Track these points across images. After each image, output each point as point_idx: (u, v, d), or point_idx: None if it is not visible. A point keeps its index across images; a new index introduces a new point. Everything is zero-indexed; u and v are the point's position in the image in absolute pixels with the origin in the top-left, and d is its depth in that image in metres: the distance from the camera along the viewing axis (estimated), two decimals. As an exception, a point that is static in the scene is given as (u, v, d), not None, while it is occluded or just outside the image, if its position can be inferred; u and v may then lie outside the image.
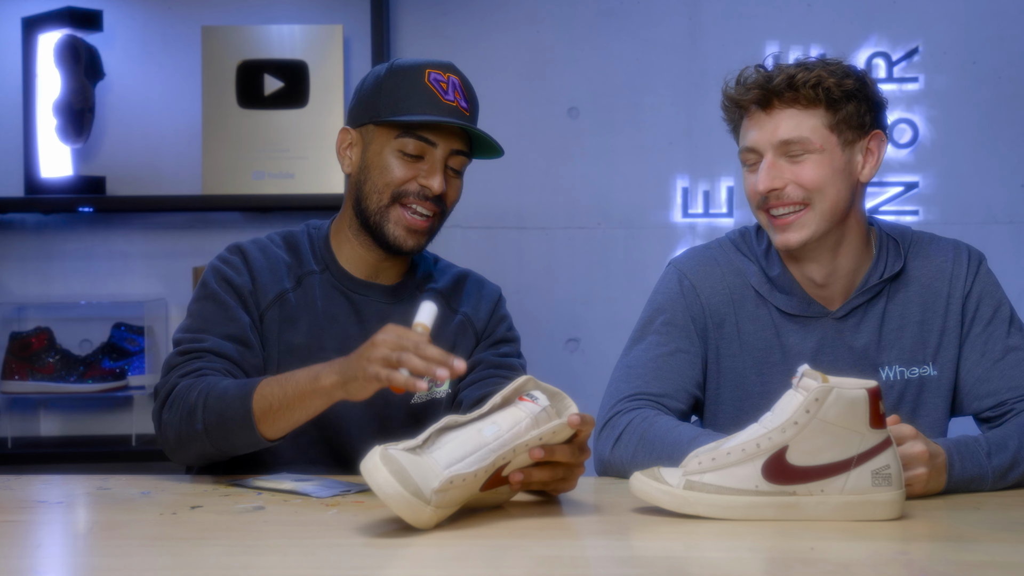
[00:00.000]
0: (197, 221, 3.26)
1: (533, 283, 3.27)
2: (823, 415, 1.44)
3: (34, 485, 1.81)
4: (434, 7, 3.29)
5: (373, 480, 1.39)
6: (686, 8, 3.27)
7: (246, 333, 1.88)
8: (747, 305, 1.94)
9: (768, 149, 1.85)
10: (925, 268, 1.94)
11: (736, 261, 1.97)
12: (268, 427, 1.73)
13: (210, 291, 1.91)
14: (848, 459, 1.45)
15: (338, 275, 1.98)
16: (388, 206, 1.92)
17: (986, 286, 1.93)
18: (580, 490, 1.76)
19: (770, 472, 1.46)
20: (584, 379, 3.26)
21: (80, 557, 1.41)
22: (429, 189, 1.91)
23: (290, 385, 1.71)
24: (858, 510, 1.46)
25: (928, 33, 3.23)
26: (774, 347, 1.92)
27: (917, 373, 1.91)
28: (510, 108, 3.29)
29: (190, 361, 1.84)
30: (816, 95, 1.82)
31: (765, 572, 1.23)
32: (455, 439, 1.45)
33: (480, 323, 2.03)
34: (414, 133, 1.90)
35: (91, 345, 3.21)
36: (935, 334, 1.91)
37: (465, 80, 1.95)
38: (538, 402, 1.51)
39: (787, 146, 1.84)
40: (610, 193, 3.28)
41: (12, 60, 3.20)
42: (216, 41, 3.18)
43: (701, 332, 1.93)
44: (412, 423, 1.93)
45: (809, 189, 1.84)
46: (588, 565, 1.30)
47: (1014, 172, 3.23)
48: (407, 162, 1.91)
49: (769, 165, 1.85)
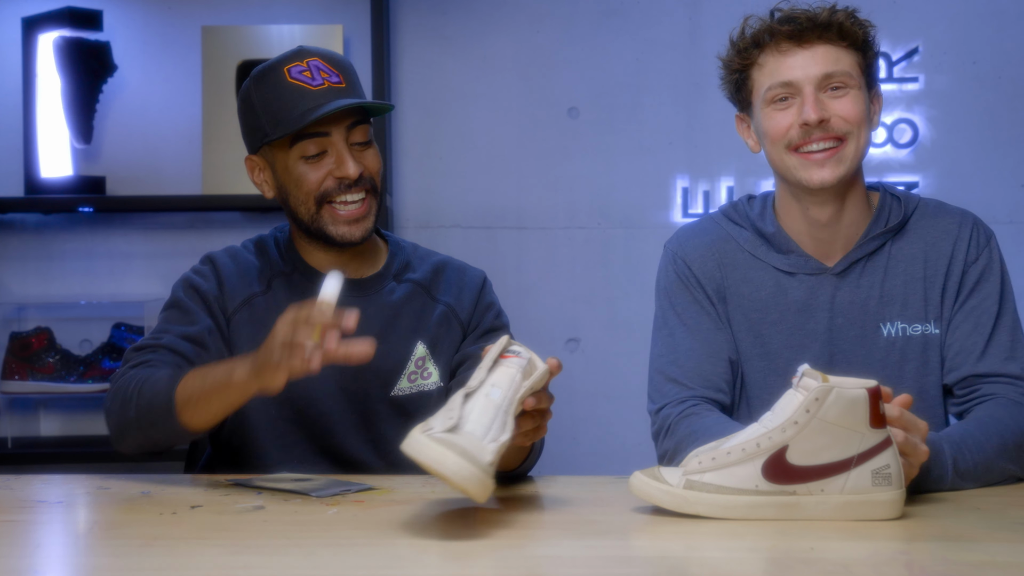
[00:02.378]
0: (197, 221, 3.26)
1: (533, 283, 3.27)
2: (823, 415, 1.44)
3: (34, 485, 1.81)
4: (434, 7, 3.29)
5: (443, 464, 1.37)
6: (686, 8, 3.27)
7: (204, 336, 1.89)
8: (739, 269, 1.93)
9: (808, 82, 1.82)
10: (931, 227, 1.91)
11: (727, 229, 1.96)
12: (189, 417, 1.73)
13: (174, 299, 1.93)
14: (848, 459, 1.45)
15: (307, 274, 1.97)
16: (318, 212, 1.91)
17: (990, 262, 1.91)
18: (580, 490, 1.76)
19: (770, 472, 1.45)
20: (584, 379, 3.26)
21: (80, 557, 1.41)
22: (346, 178, 1.89)
23: (210, 377, 1.71)
24: (858, 510, 1.46)
25: (928, 33, 3.23)
26: (770, 307, 1.90)
27: (920, 330, 1.88)
28: (510, 108, 3.29)
29: (143, 354, 1.85)
30: (855, 33, 1.83)
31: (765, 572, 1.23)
32: (473, 410, 1.45)
33: (465, 313, 2.01)
34: (304, 135, 1.88)
35: (91, 345, 3.21)
36: (937, 292, 1.89)
37: (325, 54, 1.92)
38: (521, 356, 1.52)
39: (829, 79, 1.82)
40: (610, 193, 3.28)
41: (12, 60, 3.21)
42: (216, 41, 3.18)
43: (709, 299, 1.93)
44: (395, 415, 1.94)
45: (851, 122, 1.82)
46: (588, 565, 1.30)
47: (1014, 172, 3.23)
48: (314, 164, 1.90)
49: (813, 97, 1.82)
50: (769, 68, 1.85)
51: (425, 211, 3.30)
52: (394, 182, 3.27)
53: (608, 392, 3.27)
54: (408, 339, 1.97)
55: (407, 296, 1.99)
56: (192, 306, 1.91)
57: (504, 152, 3.30)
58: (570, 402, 3.21)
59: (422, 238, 3.23)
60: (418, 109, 3.30)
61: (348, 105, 1.87)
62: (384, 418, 1.95)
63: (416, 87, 3.29)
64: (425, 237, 3.24)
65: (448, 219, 3.29)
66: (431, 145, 3.30)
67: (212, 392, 1.70)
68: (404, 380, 1.96)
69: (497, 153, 3.30)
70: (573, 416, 3.24)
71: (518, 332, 2.15)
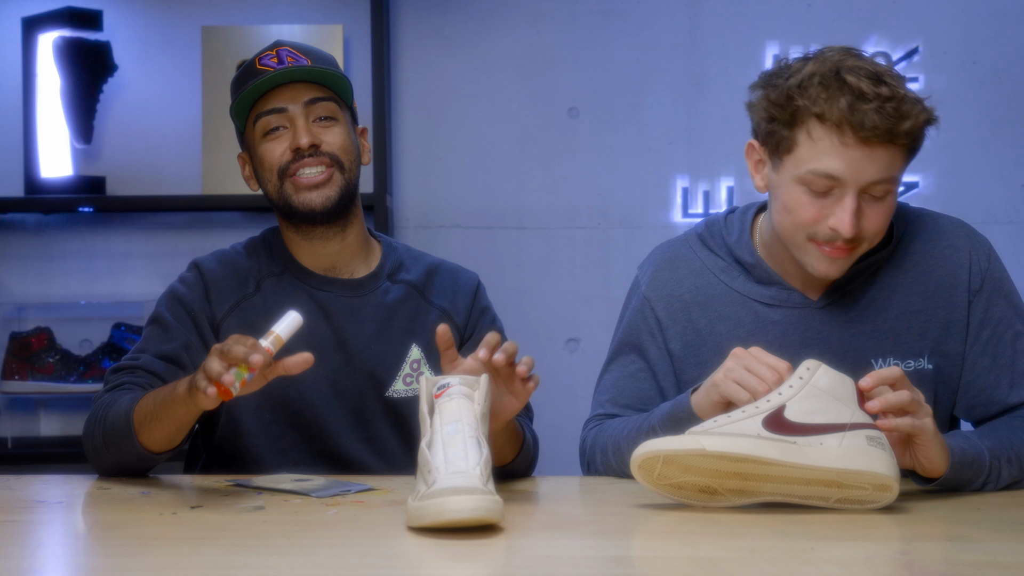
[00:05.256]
0: (197, 221, 3.26)
1: (533, 283, 3.27)
2: (815, 382, 1.52)
3: (34, 485, 1.81)
4: (434, 7, 3.29)
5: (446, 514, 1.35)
6: (686, 8, 3.27)
7: (180, 353, 1.88)
8: (715, 306, 1.83)
9: (855, 185, 1.65)
10: (926, 253, 1.80)
11: (701, 257, 1.87)
12: (147, 438, 1.73)
13: (156, 314, 1.94)
14: (843, 423, 1.51)
15: (298, 274, 1.97)
16: (281, 185, 1.93)
17: (995, 283, 1.81)
18: (580, 490, 1.76)
19: (771, 425, 1.50)
20: (584, 379, 3.25)
21: (80, 557, 1.41)
22: (300, 148, 1.90)
23: (159, 395, 1.72)
24: (857, 460, 1.48)
25: (928, 33, 3.23)
26: (750, 344, 1.66)
27: (912, 366, 1.77)
28: (510, 108, 3.29)
29: (120, 376, 1.86)
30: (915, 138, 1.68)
31: (765, 572, 1.23)
32: (437, 454, 1.43)
33: (460, 318, 2.01)
34: (264, 111, 1.91)
35: (91, 345, 3.21)
36: (936, 326, 1.79)
37: (299, 44, 1.96)
38: (451, 384, 1.49)
39: (874, 186, 1.66)
40: (610, 193, 3.28)
41: (12, 60, 3.21)
42: (216, 41, 3.18)
43: (661, 351, 1.86)
44: (390, 416, 1.94)
45: (876, 232, 1.70)
46: (588, 565, 1.30)
47: (1014, 172, 3.23)
48: (275, 139, 1.92)
49: (854, 207, 1.65)
50: (821, 149, 1.65)
51: (425, 211, 3.30)
52: (394, 182, 3.27)
53: (608, 392, 3.26)
54: (402, 340, 1.97)
55: (401, 297, 1.99)
56: (172, 321, 1.91)
57: (504, 152, 3.30)
58: (570, 402, 3.20)
59: (422, 238, 3.23)
60: (418, 109, 3.29)
61: (291, 71, 1.89)
62: (379, 418, 1.95)
63: (416, 87, 3.29)
64: (425, 237, 3.24)
65: (448, 219, 3.29)
66: (431, 145, 3.30)
67: (162, 409, 1.70)
68: (399, 382, 1.96)
69: (497, 153, 3.30)
70: (573, 416, 3.22)
71: (519, 332, 2.15)
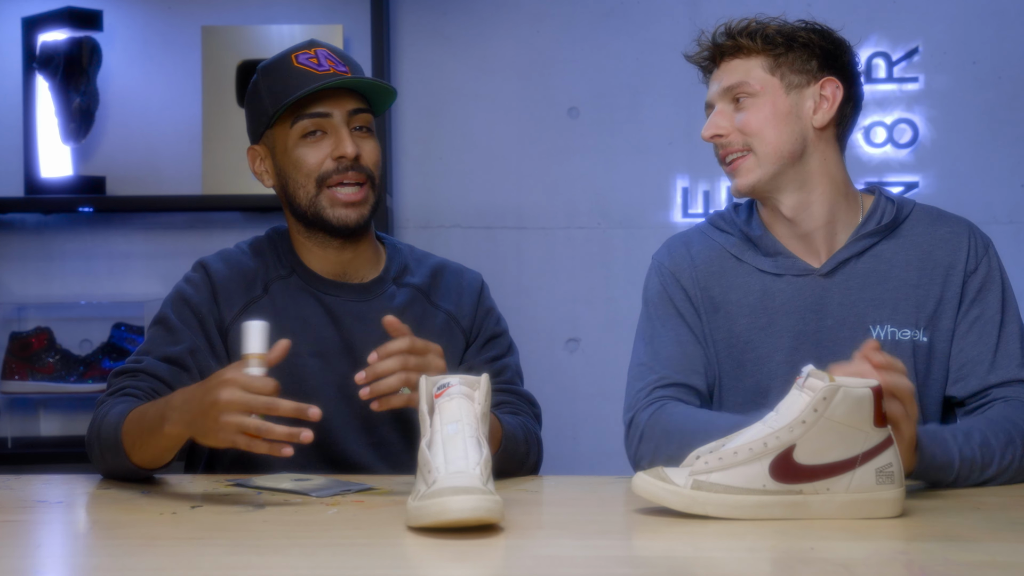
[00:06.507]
0: (197, 221, 3.26)
1: (533, 283, 3.27)
2: (830, 414, 1.45)
3: (34, 485, 1.81)
4: (434, 7, 3.29)
5: (447, 513, 1.36)
6: (686, 8, 3.27)
7: (185, 357, 1.86)
8: (726, 276, 1.92)
9: (717, 99, 1.90)
10: (927, 234, 1.90)
11: (713, 237, 1.97)
12: (137, 456, 1.71)
13: (161, 315, 1.92)
14: (853, 458, 1.46)
15: (306, 277, 1.96)
16: (317, 195, 1.91)
17: (990, 271, 1.89)
18: (580, 490, 1.76)
19: (777, 471, 1.46)
20: (584, 379, 3.26)
21: (80, 557, 1.41)
22: (344, 157, 1.89)
23: (146, 418, 1.69)
24: (863, 508, 1.46)
25: (928, 33, 3.23)
26: (759, 312, 1.88)
27: (908, 336, 1.86)
28: (510, 108, 3.29)
29: (122, 379, 1.84)
30: (754, 42, 1.87)
31: (766, 572, 1.23)
32: (439, 454, 1.43)
33: (466, 320, 2.00)
34: (306, 113, 1.89)
35: (91, 345, 3.21)
36: (932, 301, 1.87)
37: (334, 48, 1.94)
38: (450, 384, 1.50)
39: (729, 92, 1.88)
40: (610, 193, 3.28)
41: (12, 60, 3.21)
42: (216, 41, 3.18)
43: (694, 312, 1.92)
44: (397, 420, 1.93)
45: (747, 134, 1.86)
46: (588, 565, 1.30)
47: (1014, 172, 3.23)
48: (313, 144, 1.90)
49: (715, 113, 1.89)
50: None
51: (425, 211, 3.30)
52: (394, 182, 3.27)
53: (608, 392, 3.26)
54: None
55: (408, 301, 1.98)
56: (177, 324, 1.89)
57: (504, 152, 3.30)
58: (570, 402, 3.21)
59: (422, 238, 3.23)
60: (418, 109, 3.29)
61: (350, 81, 1.88)
62: (386, 422, 1.94)
63: (416, 87, 3.29)
64: (425, 237, 3.24)
65: (448, 219, 3.29)
66: (431, 145, 3.30)
67: (148, 435, 1.68)
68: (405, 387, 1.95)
69: (497, 153, 3.30)
70: (573, 416, 3.24)
71: (519, 332, 2.15)
